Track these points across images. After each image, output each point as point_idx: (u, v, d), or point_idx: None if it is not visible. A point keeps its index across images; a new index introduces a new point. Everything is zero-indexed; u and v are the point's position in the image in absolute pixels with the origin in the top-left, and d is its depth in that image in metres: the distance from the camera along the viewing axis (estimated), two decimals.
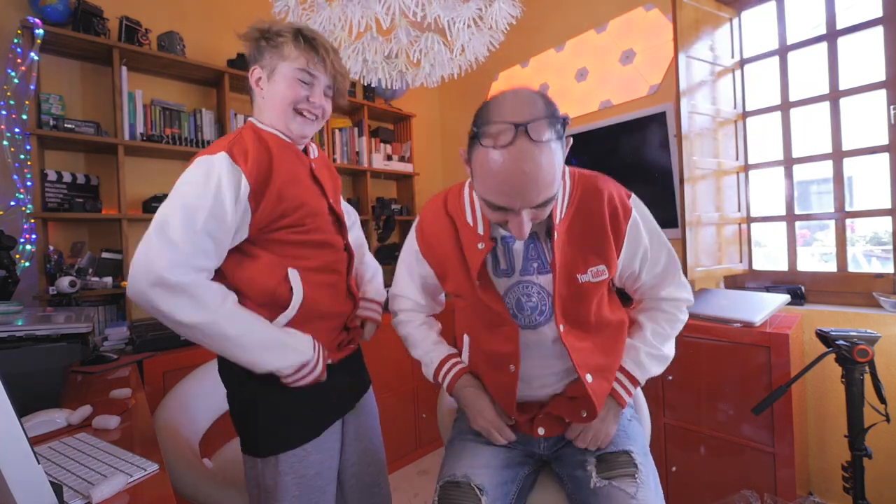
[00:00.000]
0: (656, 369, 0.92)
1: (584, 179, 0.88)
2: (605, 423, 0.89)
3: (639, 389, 1.03)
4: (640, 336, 0.94)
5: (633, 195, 0.90)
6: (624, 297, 1.04)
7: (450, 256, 0.92)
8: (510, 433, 0.91)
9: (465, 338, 0.99)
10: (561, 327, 0.85)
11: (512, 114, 0.69)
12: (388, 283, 1.06)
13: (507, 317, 0.87)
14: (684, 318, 0.96)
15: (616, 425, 0.91)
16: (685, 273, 1.70)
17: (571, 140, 0.79)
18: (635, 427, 0.96)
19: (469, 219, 0.90)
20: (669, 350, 0.94)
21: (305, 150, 0.96)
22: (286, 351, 0.81)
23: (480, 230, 0.88)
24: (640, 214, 0.89)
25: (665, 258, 0.92)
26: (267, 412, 0.85)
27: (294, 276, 0.84)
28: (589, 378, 0.86)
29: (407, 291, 1.04)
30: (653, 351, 0.92)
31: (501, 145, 0.68)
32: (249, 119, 0.93)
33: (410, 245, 1.01)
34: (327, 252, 0.91)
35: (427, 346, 1.01)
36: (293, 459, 0.85)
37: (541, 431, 0.92)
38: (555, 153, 0.71)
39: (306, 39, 0.88)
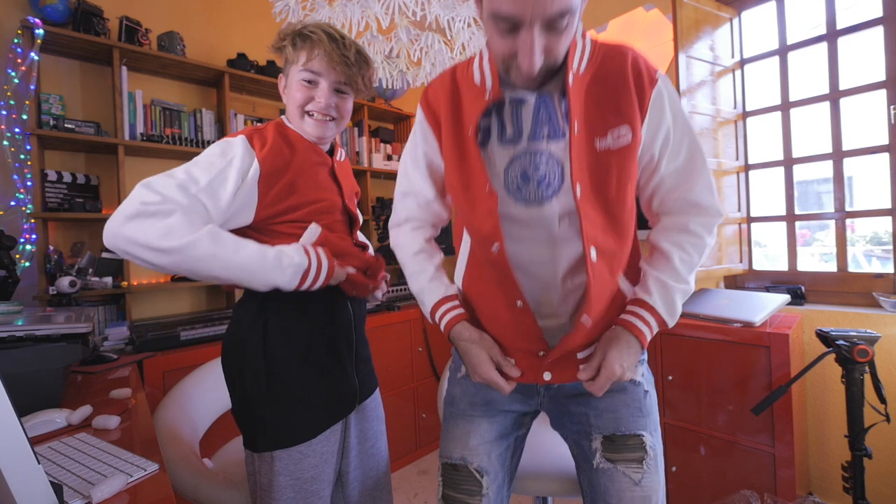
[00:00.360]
0: (681, 304, 0.78)
1: (607, 44, 0.77)
2: (617, 354, 0.73)
3: None
4: (667, 268, 0.77)
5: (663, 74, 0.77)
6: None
7: (448, 120, 0.81)
8: (515, 370, 0.79)
9: (465, 236, 0.86)
10: (578, 190, 0.71)
11: None
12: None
13: (487, 184, 0.74)
14: (711, 241, 0.79)
15: (631, 367, 0.75)
16: None
17: None
18: (651, 400, 0.82)
19: (477, 79, 0.78)
20: (693, 281, 0.80)
21: (332, 151, 0.99)
22: (277, 268, 0.78)
23: (489, 84, 0.76)
24: (666, 88, 0.76)
25: (688, 148, 0.78)
26: (266, 407, 0.85)
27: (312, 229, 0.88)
28: (593, 254, 0.72)
29: (412, 185, 0.90)
30: (683, 286, 0.76)
31: None
32: (280, 117, 0.95)
33: (416, 122, 0.90)
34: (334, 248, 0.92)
35: (423, 282, 0.88)
36: (289, 461, 0.84)
37: (547, 377, 0.79)
38: None
39: (303, 38, 0.87)
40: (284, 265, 0.79)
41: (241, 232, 0.84)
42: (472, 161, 0.76)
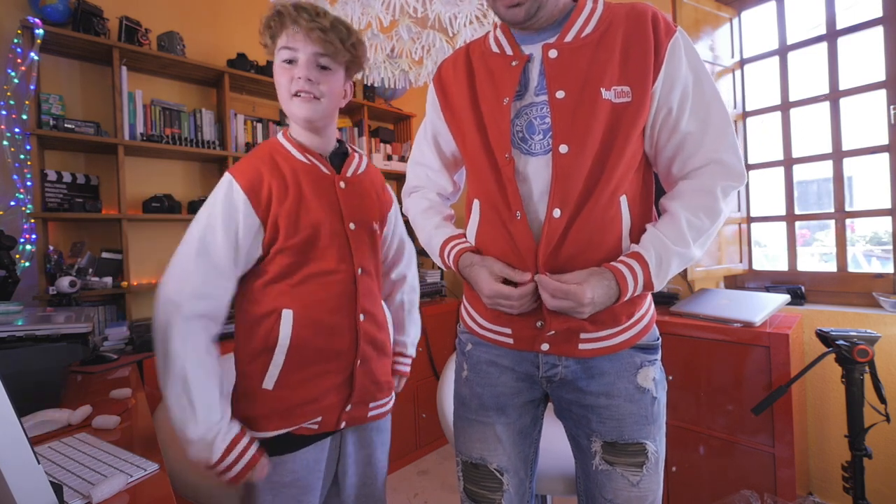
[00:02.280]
0: (676, 270, 0.73)
1: (626, 4, 0.76)
2: (592, 283, 0.68)
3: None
4: (672, 228, 0.71)
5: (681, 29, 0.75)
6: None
7: (462, 93, 0.83)
8: (523, 275, 0.73)
9: (475, 203, 0.84)
10: (561, 148, 0.70)
11: None
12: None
13: (507, 146, 0.74)
14: (727, 209, 0.74)
15: (599, 306, 0.69)
16: (685, 272, 1.70)
17: None
18: (660, 406, 0.79)
19: (495, 48, 0.81)
20: (699, 251, 0.74)
21: (343, 163, 0.93)
22: (187, 417, 0.73)
23: (509, 51, 0.79)
24: (684, 41, 0.73)
25: (710, 105, 0.74)
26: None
27: (286, 315, 0.82)
28: (556, 212, 0.71)
29: (422, 155, 0.95)
30: (683, 251, 0.71)
31: None
32: (283, 134, 0.90)
33: (428, 97, 0.93)
34: (328, 283, 0.86)
35: (430, 229, 0.90)
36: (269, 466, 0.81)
37: (544, 347, 0.76)
38: None
39: (275, 19, 0.82)
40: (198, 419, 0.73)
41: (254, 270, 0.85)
42: (495, 126, 0.76)
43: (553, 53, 0.73)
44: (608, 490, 0.76)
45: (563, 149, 0.71)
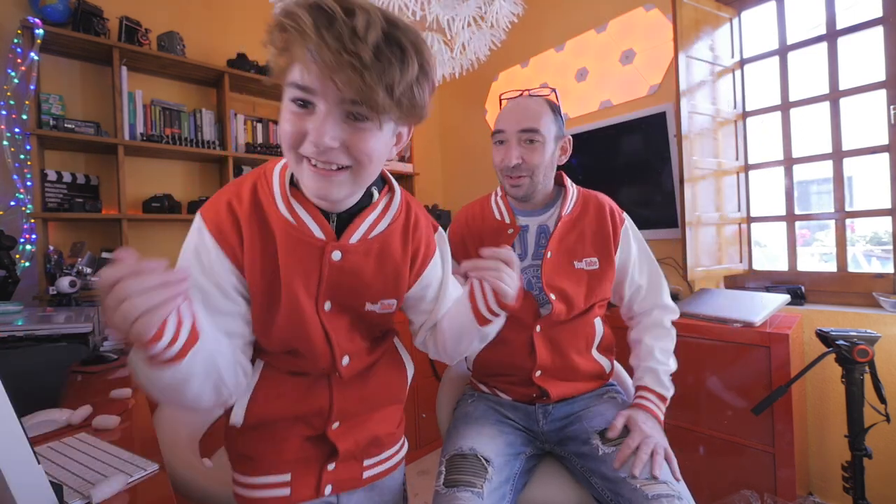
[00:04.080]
0: (670, 382, 1.00)
1: (587, 193, 1.08)
2: (640, 419, 0.89)
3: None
4: (652, 358, 1.00)
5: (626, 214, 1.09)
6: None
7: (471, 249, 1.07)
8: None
9: None
10: (552, 296, 0.97)
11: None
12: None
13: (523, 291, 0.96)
14: (675, 332, 1.07)
15: (654, 428, 0.90)
16: (685, 272, 1.70)
17: (571, 139, 1.05)
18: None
19: (497, 215, 1.08)
20: (674, 363, 1.03)
21: (356, 218, 0.66)
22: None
23: (507, 220, 1.05)
24: (630, 226, 1.06)
25: (651, 265, 1.07)
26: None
27: (258, 365, 0.69)
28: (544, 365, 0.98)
29: None
30: (668, 368, 1.00)
31: (511, 98, 1.05)
32: (280, 168, 0.66)
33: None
34: (289, 331, 0.66)
35: None
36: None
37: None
38: (544, 110, 0.98)
39: (281, 30, 0.51)
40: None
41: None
42: None
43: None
44: (616, 459, 0.84)
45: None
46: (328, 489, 0.71)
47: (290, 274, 0.63)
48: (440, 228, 0.81)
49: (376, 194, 0.70)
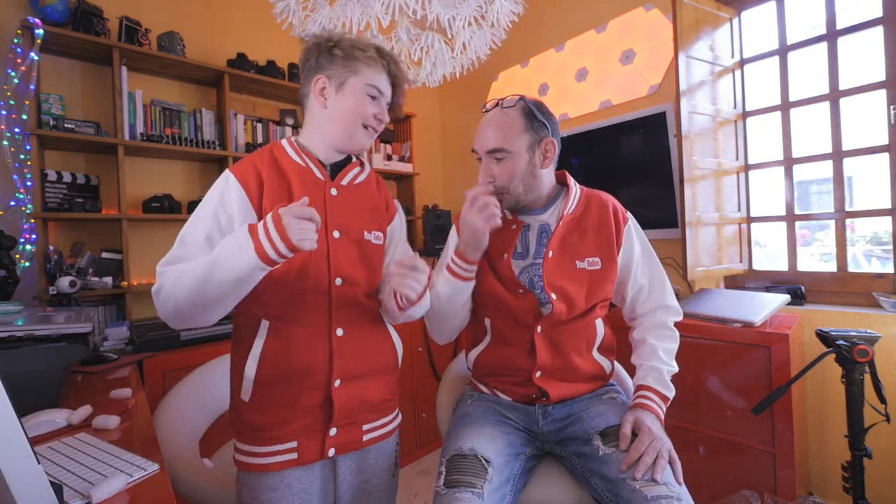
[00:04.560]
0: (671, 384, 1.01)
1: (591, 192, 1.09)
2: (645, 420, 0.89)
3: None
4: (656, 357, 1.00)
5: (630, 213, 1.09)
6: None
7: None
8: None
9: (487, 320, 1.06)
10: (553, 296, 0.98)
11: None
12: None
13: (523, 286, 1.00)
14: (678, 335, 1.07)
15: (658, 428, 0.90)
16: (685, 272, 1.70)
17: (555, 141, 1.01)
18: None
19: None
20: (675, 365, 1.03)
21: (342, 170, 0.92)
22: (222, 261, 0.69)
23: (509, 216, 1.06)
24: (634, 225, 1.07)
25: (655, 265, 1.07)
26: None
27: (263, 326, 0.81)
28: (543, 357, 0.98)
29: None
30: (671, 369, 1.00)
31: (486, 111, 1.05)
32: (287, 139, 0.91)
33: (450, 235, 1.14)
34: (301, 292, 0.83)
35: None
36: (246, 478, 0.83)
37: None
38: (513, 122, 0.98)
39: (383, 56, 0.89)
40: (232, 247, 0.69)
41: None
42: (504, 270, 1.01)
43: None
44: (620, 461, 0.84)
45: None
46: (331, 452, 0.84)
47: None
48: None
49: (353, 157, 0.97)
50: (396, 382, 0.97)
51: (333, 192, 0.88)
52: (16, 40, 1.66)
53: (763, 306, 1.52)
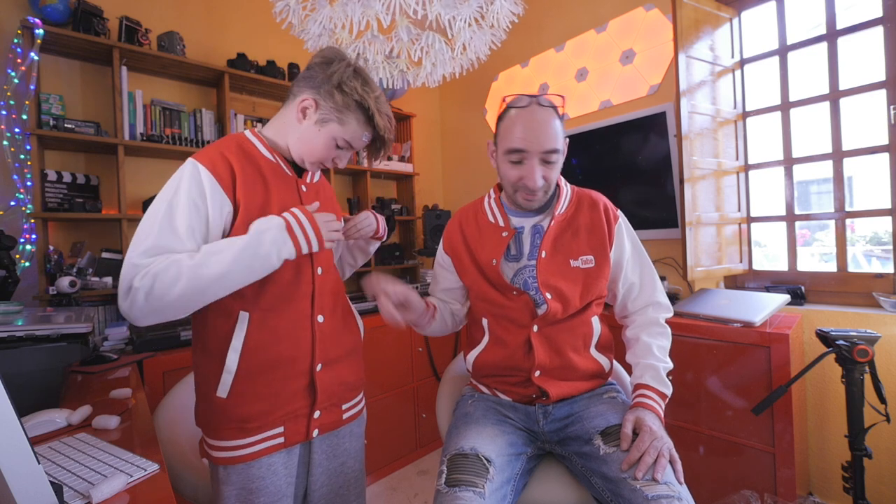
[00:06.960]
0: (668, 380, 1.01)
1: (582, 191, 1.10)
2: (644, 417, 0.89)
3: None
4: (651, 355, 1.00)
5: (621, 211, 1.10)
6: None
7: (465, 253, 1.09)
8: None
9: (484, 321, 1.08)
10: (548, 295, 0.98)
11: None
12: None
13: (515, 289, 1.01)
14: (670, 331, 1.08)
15: (658, 425, 0.90)
16: (685, 272, 1.70)
17: (568, 140, 1.01)
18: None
19: (491, 218, 1.09)
20: (671, 364, 1.03)
21: (302, 171, 0.96)
22: (260, 253, 0.75)
23: (502, 223, 1.06)
24: (624, 223, 1.08)
25: (645, 262, 1.08)
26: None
27: (243, 318, 0.82)
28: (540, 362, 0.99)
29: (433, 288, 1.19)
30: (667, 366, 1.00)
31: (521, 106, 0.97)
32: (251, 130, 0.92)
33: (438, 255, 1.18)
34: (287, 284, 0.86)
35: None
36: (233, 471, 0.82)
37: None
38: (558, 123, 0.97)
39: (370, 119, 0.89)
40: (264, 241, 0.76)
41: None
42: (493, 275, 1.03)
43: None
44: (621, 460, 0.84)
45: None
46: (315, 433, 0.90)
47: (280, 195, 0.87)
48: None
49: None
50: (363, 362, 1.04)
51: (304, 188, 0.94)
52: (16, 40, 1.66)
53: (763, 306, 1.52)
